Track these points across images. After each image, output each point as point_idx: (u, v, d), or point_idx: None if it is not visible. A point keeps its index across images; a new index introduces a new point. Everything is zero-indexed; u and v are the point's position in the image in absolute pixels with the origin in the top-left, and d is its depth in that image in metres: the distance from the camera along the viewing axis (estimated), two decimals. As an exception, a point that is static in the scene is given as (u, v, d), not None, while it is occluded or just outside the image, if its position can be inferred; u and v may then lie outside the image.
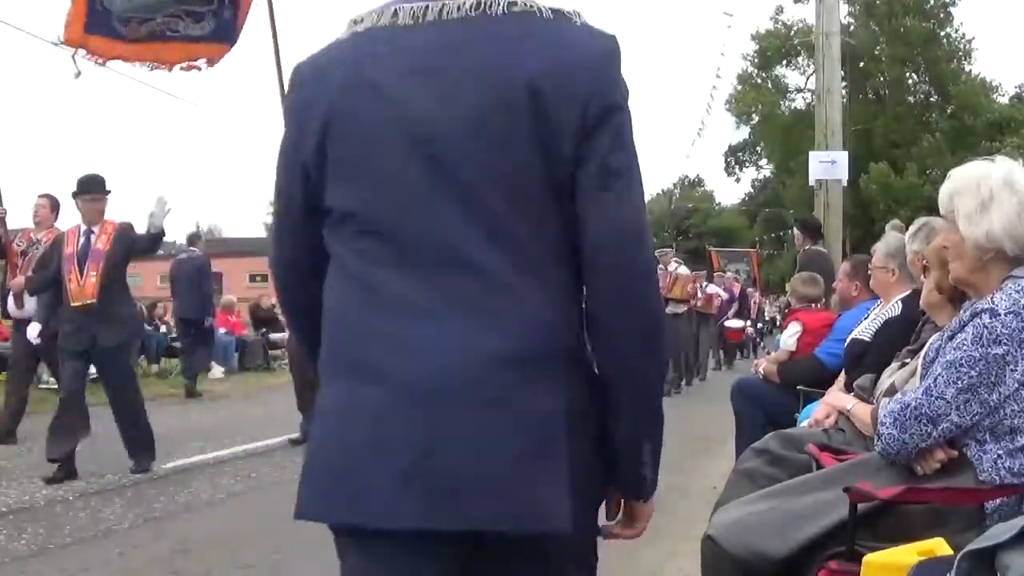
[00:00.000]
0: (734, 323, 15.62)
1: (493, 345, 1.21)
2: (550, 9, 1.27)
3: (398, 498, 1.19)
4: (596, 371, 1.32)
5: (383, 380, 1.22)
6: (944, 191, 2.19)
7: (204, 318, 10.85)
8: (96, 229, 5.89)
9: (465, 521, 1.20)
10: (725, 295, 14.87)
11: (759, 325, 16.82)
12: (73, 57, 5.37)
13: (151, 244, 6.13)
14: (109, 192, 6.03)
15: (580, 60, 1.24)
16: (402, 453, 1.19)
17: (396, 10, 1.28)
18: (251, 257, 32.39)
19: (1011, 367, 1.97)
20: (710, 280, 14.64)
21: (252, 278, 31.57)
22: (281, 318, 11.95)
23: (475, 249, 1.22)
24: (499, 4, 1.24)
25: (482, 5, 1.24)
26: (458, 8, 1.25)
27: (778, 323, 15.46)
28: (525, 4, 1.25)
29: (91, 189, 5.91)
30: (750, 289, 19.81)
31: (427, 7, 1.26)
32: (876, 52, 34.23)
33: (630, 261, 1.25)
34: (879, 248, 4.10)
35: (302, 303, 1.41)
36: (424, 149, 1.23)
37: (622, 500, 1.41)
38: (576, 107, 1.21)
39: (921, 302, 2.80)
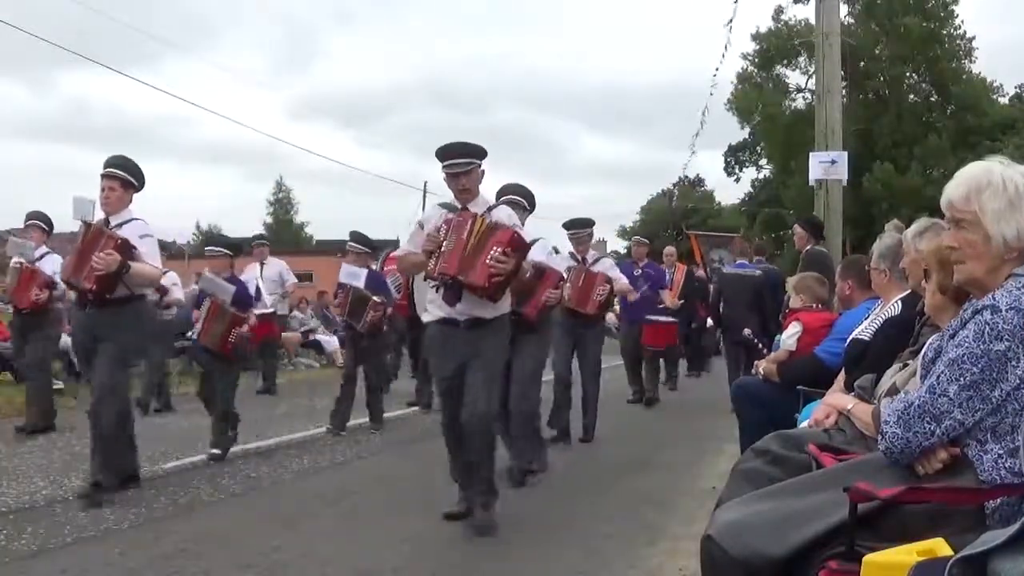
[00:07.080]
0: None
1: None
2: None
3: None
4: None
5: None
6: (956, 191, 2.13)
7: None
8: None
9: None
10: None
11: None
12: None
13: None
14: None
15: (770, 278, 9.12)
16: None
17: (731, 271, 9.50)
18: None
19: (1013, 363, 1.97)
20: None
21: (252, 278, 31.19)
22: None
23: None
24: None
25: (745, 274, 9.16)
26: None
27: None
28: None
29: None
30: None
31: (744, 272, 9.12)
32: (876, 52, 34.22)
33: None
34: (874, 249, 4.10)
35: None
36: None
37: None
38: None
39: (926, 308, 2.79)
